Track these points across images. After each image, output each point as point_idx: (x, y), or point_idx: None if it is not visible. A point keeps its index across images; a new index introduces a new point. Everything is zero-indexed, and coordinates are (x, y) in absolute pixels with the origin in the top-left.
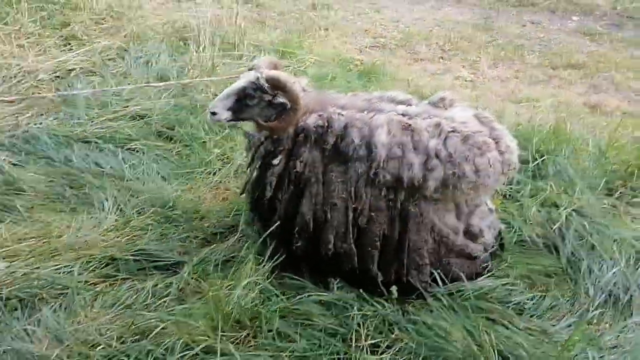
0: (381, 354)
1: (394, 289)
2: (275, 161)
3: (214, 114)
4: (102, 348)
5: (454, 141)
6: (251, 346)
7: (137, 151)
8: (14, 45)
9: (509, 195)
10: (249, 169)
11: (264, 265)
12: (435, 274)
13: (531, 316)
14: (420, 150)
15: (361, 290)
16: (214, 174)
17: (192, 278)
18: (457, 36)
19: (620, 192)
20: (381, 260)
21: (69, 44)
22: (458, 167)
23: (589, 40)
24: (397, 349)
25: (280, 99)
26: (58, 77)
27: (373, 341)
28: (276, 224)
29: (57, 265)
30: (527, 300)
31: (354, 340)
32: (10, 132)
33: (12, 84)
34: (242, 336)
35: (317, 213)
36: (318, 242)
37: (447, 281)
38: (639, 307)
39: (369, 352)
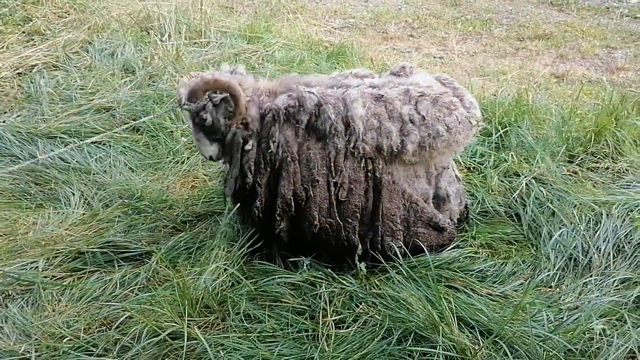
0: (347, 328)
1: (362, 265)
2: (248, 147)
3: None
4: (69, 340)
5: (424, 105)
6: (220, 329)
7: (104, 144)
8: None
9: (473, 167)
10: (222, 160)
11: (233, 251)
12: (400, 245)
13: (493, 282)
14: (395, 118)
15: (329, 269)
16: (182, 162)
17: (161, 267)
18: (426, 13)
19: (581, 159)
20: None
21: (32, 39)
22: (432, 128)
23: (557, 11)
24: (362, 322)
25: (219, 95)
26: (20, 74)
27: (339, 317)
28: (256, 209)
29: (23, 262)
30: (489, 267)
31: (321, 317)
32: None
33: None
34: (210, 320)
35: (297, 192)
36: (300, 221)
37: (411, 253)
38: (597, 268)
39: (335, 328)
